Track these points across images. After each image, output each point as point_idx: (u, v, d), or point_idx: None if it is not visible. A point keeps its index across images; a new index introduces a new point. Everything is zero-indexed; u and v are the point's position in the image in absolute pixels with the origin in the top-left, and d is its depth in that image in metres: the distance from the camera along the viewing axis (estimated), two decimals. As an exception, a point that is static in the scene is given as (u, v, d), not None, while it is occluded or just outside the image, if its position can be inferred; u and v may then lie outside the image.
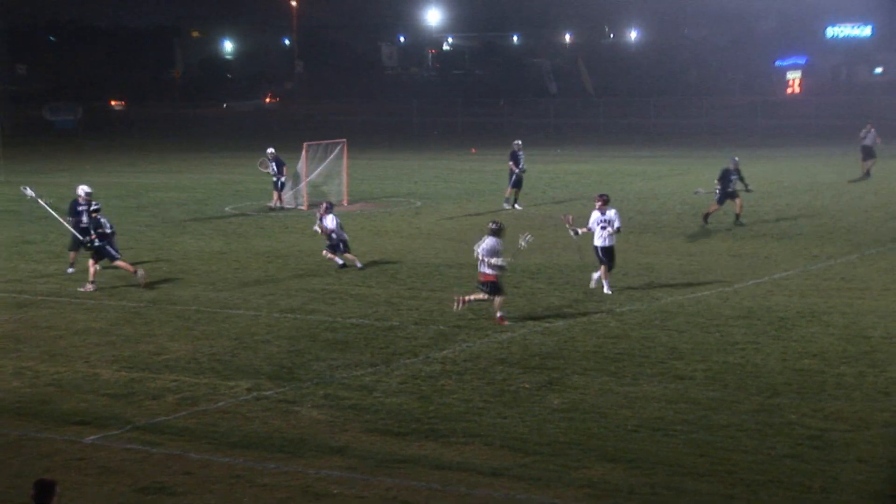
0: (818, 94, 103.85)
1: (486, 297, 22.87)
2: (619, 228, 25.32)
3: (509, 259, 23.24)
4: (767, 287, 25.89)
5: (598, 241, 25.23)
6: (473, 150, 69.52)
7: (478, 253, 22.83)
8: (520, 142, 42.54)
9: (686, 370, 19.11)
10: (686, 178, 50.63)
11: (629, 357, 20.02)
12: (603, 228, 25.15)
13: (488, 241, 22.75)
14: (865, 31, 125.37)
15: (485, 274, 22.82)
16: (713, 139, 74.36)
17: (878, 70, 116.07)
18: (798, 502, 13.55)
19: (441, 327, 22.54)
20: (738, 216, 35.72)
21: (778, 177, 50.70)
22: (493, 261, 22.66)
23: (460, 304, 23.15)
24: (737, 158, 36.29)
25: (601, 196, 25.62)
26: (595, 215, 25.40)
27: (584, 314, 23.30)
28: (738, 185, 35.39)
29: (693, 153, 64.45)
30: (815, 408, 16.97)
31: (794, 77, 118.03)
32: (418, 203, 43.21)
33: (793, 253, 30.38)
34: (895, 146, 53.66)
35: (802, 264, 28.55)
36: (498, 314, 22.82)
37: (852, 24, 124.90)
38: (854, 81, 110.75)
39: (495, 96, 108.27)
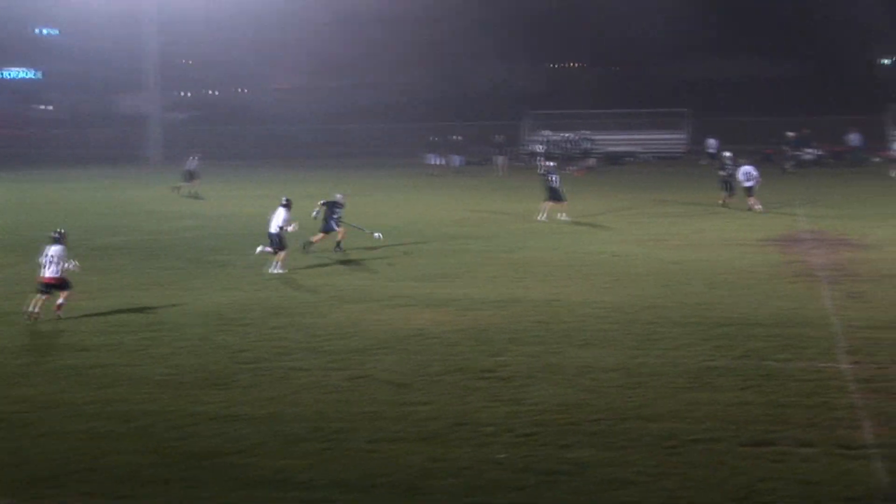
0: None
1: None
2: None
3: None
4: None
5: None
6: None
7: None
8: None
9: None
10: None
11: None
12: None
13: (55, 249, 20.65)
14: (35, 74, 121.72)
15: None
16: None
17: (48, 107, 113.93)
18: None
19: None
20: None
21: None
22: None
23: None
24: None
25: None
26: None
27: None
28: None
29: None
30: (4, 395, 15.82)
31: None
32: None
33: None
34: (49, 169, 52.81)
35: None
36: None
37: (22, 69, 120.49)
38: (27, 116, 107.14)
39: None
